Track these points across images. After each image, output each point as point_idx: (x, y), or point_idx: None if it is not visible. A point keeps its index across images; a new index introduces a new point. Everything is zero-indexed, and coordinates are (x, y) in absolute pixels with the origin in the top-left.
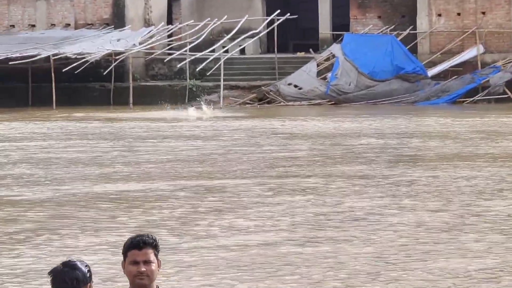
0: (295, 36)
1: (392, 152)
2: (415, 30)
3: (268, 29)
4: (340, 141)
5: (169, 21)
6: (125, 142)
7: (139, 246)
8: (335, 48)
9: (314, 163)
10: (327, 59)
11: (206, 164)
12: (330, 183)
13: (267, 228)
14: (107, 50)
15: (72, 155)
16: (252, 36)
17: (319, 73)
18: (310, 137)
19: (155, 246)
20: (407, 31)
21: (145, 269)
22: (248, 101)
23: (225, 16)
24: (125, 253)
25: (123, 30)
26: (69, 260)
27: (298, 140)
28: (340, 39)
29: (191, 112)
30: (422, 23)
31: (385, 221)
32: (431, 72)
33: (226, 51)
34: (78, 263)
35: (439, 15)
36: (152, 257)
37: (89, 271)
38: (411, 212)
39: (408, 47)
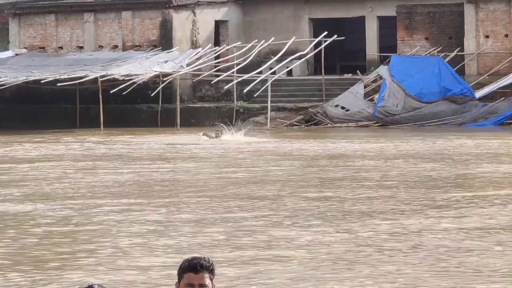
0: (342, 58)
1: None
2: (463, 51)
3: (315, 51)
4: (331, 162)
5: (216, 42)
6: (99, 163)
7: (196, 269)
8: (382, 70)
9: (249, 185)
10: (374, 81)
11: (133, 186)
12: (224, 202)
13: (144, 251)
14: (155, 71)
15: (19, 176)
16: (299, 58)
17: (366, 95)
18: (305, 159)
19: (211, 270)
20: (455, 52)
21: None
22: (295, 123)
23: (272, 38)
24: (180, 275)
25: (171, 51)
26: (93, 285)
27: (287, 161)
28: (387, 60)
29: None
30: (470, 44)
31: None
32: (479, 93)
33: (273, 73)
34: None
35: (487, 36)
36: (207, 281)
37: None
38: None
39: (455, 68)
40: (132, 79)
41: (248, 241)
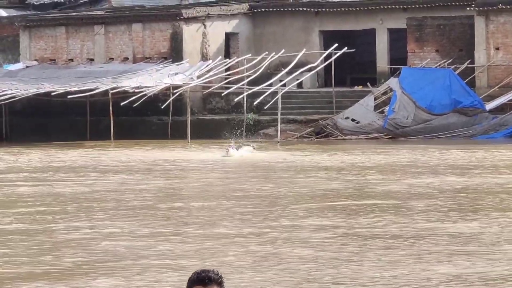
0: (352, 70)
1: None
2: (473, 64)
3: (326, 63)
4: (279, 175)
5: (227, 55)
6: (45, 175)
7: (204, 282)
8: (393, 82)
9: (140, 195)
10: (385, 93)
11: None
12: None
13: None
14: (165, 84)
15: None
16: (309, 70)
17: (376, 107)
18: (264, 171)
19: (220, 283)
20: (465, 65)
21: None
22: (306, 135)
23: (283, 50)
24: (189, 287)
25: (181, 64)
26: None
27: (236, 174)
28: (397, 72)
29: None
30: (480, 56)
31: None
32: (489, 106)
33: (284, 85)
34: None
35: (497, 48)
36: None
37: None
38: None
39: (465, 80)
40: (142, 92)
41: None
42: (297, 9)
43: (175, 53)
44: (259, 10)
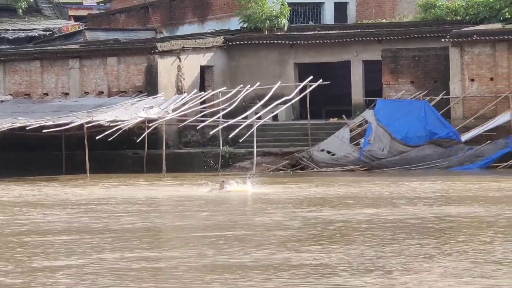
0: (327, 102)
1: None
2: (448, 95)
3: (301, 96)
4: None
5: (202, 88)
6: None
7: None
8: (368, 114)
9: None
10: (360, 125)
11: None
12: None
13: None
14: (140, 117)
15: None
16: (284, 103)
17: (352, 139)
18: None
19: None
20: (440, 96)
21: None
22: (281, 168)
23: (258, 83)
24: None
25: (156, 97)
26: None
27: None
28: (372, 104)
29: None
30: (455, 88)
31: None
32: (465, 137)
33: (259, 118)
34: None
35: (472, 80)
36: None
37: None
38: None
39: (441, 112)
40: (117, 125)
41: None
42: (272, 41)
43: (150, 87)
44: (234, 43)
